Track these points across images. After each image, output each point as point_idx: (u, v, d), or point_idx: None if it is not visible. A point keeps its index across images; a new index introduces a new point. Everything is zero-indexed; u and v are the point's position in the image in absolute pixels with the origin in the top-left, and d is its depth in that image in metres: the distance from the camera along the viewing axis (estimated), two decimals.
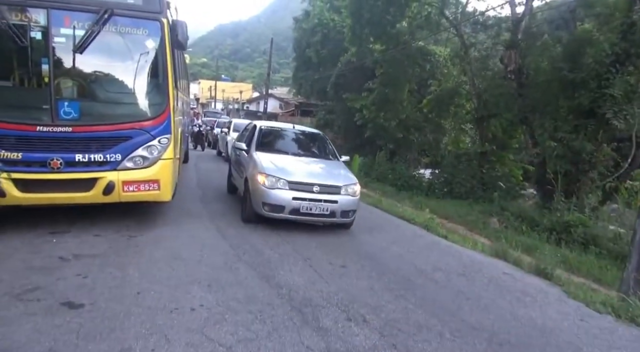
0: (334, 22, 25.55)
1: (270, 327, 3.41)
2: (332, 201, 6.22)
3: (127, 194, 5.29)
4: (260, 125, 8.10)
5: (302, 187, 6.15)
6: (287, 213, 6.12)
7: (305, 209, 6.10)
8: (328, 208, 6.21)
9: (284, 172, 6.30)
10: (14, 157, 4.75)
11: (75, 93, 5.23)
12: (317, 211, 6.16)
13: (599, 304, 4.73)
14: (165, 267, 4.42)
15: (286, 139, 8.03)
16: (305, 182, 6.22)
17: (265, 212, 6.17)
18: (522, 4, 13.64)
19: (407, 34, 17.59)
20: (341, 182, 6.49)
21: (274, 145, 7.61)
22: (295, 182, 6.17)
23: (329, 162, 7.44)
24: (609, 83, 10.52)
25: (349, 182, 6.59)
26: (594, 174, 11.66)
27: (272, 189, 6.10)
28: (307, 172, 6.61)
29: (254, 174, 6.41)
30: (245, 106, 56.24)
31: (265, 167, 6.35)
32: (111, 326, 3.16)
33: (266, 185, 6.13)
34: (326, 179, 6.46)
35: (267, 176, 6.18)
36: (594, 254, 8.60)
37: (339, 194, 6.33)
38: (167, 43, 5.43)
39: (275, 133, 8.11)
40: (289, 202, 6.08)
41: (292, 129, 8.29)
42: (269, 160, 6.60)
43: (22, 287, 3.65)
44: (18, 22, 4.81)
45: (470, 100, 16.55)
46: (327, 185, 6.32)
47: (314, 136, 8.44)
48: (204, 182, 10.28)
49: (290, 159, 7.01)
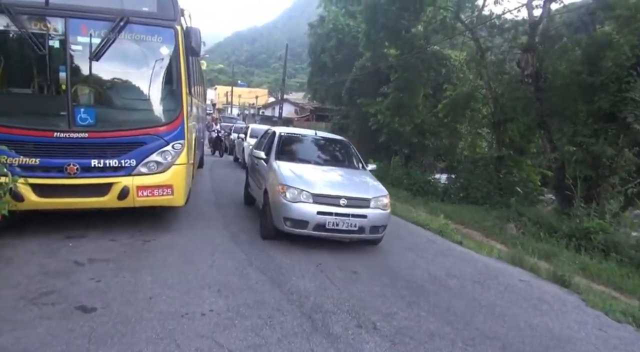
0: (349, 27, 25.56)
1: (280, 334, 3.39)
2: (361, 215, 5.68)
3: (141, 199, 5.36)
4: (279, 131, 7.53)
5: (327, 200, 5.62)
6: (310, 229, 5.59)
7: (331, 224, 5.55)
8: (356, 223, 5.64)
9: (307, 183, 5.78)
10: (32, 162, 4.86)
11: (92, 100, 5.33)
12: (344, 226, 5.60)
13: (619, 313, 4.61)
14: (178, 272, 4.46)
15: (308, 147, 7.46)
16: (330, 195, 5.68)
17: (286, 228, 5.65)
18: (539, 6, 13.47)
19: (422, 39, 17.48)
20: (370, 194, 5.96)
21: (295, 153, 7.08)
22: (320, 195, 5.64)
23: (355, 171, 6.94)
24: (630, 86, 10.25)
25: (379, 194, 6.05)
26: (615, 179, 11.35)
27: (294, 202, 5.58)
28: (332, 183, 6.11)
29: (273, 186, 5.92)
30: (260, 111, 56.60)
31: (286, 178, 5.85)
32: (123, 331, 3.19)
33: (287, 198, 5.61)
34: (354, 191, 5.94)
35: (289, 187, 5.68)
36: (615, 261, 8.36)
37: (368, 207, 5.80)
38: (181, 50, 5.50)
39: (296, 140, 7.57)
40: (312, 217, 5.55)
41: (313, 136, 7.69)
42: (290, 170, 6.11)
43: (38, 291, 3.71)
44: (37, 31, 4.93)
45: (486, 105, 16.34)
46: (355, 197, 5.78)
47: (337, 143, 7.90)
48: (218, 187, 10.35)
49: (313, 168, 6.49)
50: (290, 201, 5.60)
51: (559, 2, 13.82)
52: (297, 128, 10.13)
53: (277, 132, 7.47)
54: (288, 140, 7.38)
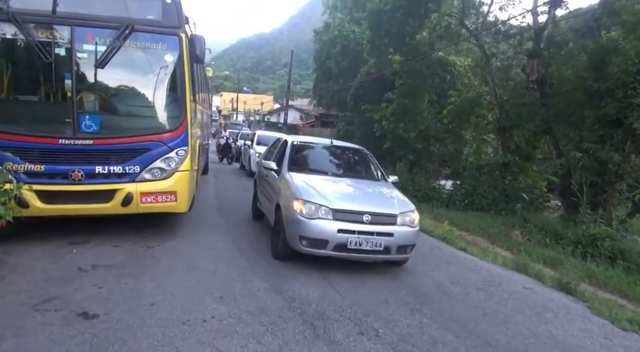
0: (354, 33, 25.68)
1: (281, 341, 3.38)
2: (387, 233, 5.07)
3: (145, 205, 5.38)
4: (292, 140, 6.90)
5: (349, 216, 5.02)
6: (330, 249, 4.97)
7: (353, 244, 4.92)
8: (382, 243, 5.02)
9: (326, 197, 5.19)
10: (37, 169, 4.90)
11: (97, 107, 5.38)
12: (368, 246, 4.96)
13: (625, 322, 4.55)
14: (180, 278, 4.47)
15: (323, 157, 6.90)
16: (353, 210, 5.08)
17: (302, 248, 5.06)
18: (544, 12, 13.46)
19: (427, 45, 17.51)
20: (397, 209, 5.36)
21: (309, 164, 6.51)
22: (341, 210, 5.04)
23: (377, 183, 6.32)
24: (636, 92, 10.19)
25: (406, 209, 5.44)
26: (622, 185, 11.26)
27: (312, 219, 4.99)
28: (353, 196, 5.57)
29: (288, 200, 5.33)
30: (266, 118, 56.85)
31: (302, 192, 5.28)
32: (124, 337, 3.20)
33: (304, 214, 5.03)
34: (378, 206, 5.36)
35: (305, 202, 5.10)
36: (622, 268, 8.27)
37: (395, 224, 5.19)
38: (186, 57, 5.54)
39: (310, 149, 6.98)
40: (333, 235, 4.94)
41: (329, 144, 7.08)
42: (305, 183, 5.53)
43: (40, 297, 3.73)
44: (43, 39, 4.99)
45: (491, 111, 16.30)
46: (380, 213, 5.17)
47: (355, 152, 7.29)
48: (222, 194, 10.38)
49: (330, 180, 5.93)
50: (307, 217, 5.01)
51: (564, 8, 13.83)
52: (308, 136, 9.07)
53: (289, 140, 6.90)
54: (301, 149, 6.83)
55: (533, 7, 13.65)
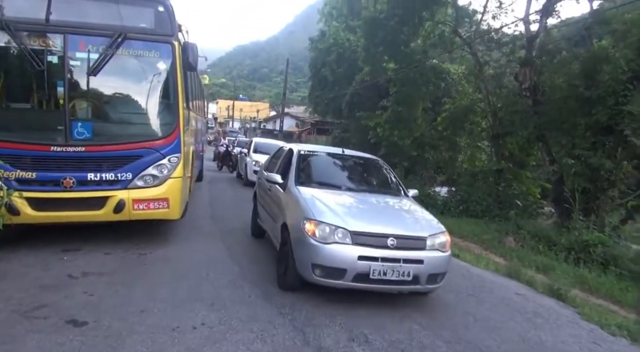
0: (349, 41, 25.86)
1: (271, 347, 3.39)
2: (416, 260, 4.32)
3: (137, 212, 5.38)
4: (298, 149, 6.09)
5: (371, 240, 4.29)
6: (349, 280, 4.23)
7: (377, 273, 4.17)
8: (410, 271, 4.26)
9: (343, 217, 4.47)
10: (28, 176, 4.90)
11: (89, 114, 5.40)
12: (394, 275, 4.22)
13: (614, 327, 4.58)
14: (171, 285, 4.46)
15: (335, 168, 6.16)
16: (375, 233, 4.35)
17: (315, 278, 4.31)
18: (536, 21, 13.64)
19: (421, 53, 17.66)
20: (425, 231, 4.62)
21: (320, 176, 5.71)
22: (361, 233, 4.31)
23: (397, 199, 5.57)
24: (627, 100, 10.32)
25: (436, 231, 4.70)
26: (614, 192, 11.35)
27: (327, 243, 4.25)
28: (374, 216, 4.86)
29: (297, 221, 4.58)
30: (262, 125, 56.96)
31: (314, 210, 4.53)
32: (113, 344, 3.19)
33: (317, 237, 4.29)
34: (404, 227, 4.65)
35: (319, 223, 4.35)
36: (615, 275, 8.32)
37: (424, 249, 4.45)
38: (178, 65, 5.58)
39: (319, 160, 6.15)
40: (352, 263, 4.19)
41: (340, 154, 6.34)
42: (317, 200, 4.78)
43: (30, 305, 3.72)
44: (36, 47, 5.02)
45: (485, 118, 16.43)
46: (407, 236, 4.46)
47: (370, 163, 6.54)
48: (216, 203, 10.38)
49: (345, 196, 5.19)
50: (320, 241, 4.28)
51: (556, 17, 14.01)
52: (313, 144, 8.02)
53: (295, 149, 6.08)
54: (310, 159, 6.00)
55: (525, 15, 13.83)
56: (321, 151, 6.45)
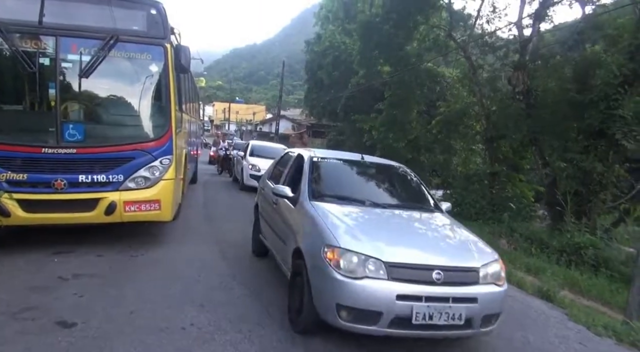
0: (345, 45, 26.02)
1: (258, 347, 3.41)
2: (469, 298, 3.38)
3: (128, 214, 5.39)
4: (309, 155, 5.05)
5: (411, 273, 3.33)
6: (385, 326, 3.25)
7: (421, 317, 3.22)
8: (462, 313, 3.30)
9: (374, 243, 3.50)
10: (19, 178, 4.90)
11: (80, 116, 5.42)
12: (442, 319, 3.25)
13: (601, 328, 4.62)
14: (162, 287, 4.48)
15: (355, 179, 5.13)
16: (416, 264, 3.41)
17: (341, 322, 3.32)
18: (529, 26, 13.76)
19: (415, 56, 17.77)
20: (477, 260, 3.63)
21: (338, 189, 4.69)
22: (399, 264, 3.35)
23: (430, 214, 4.58)
24: (618, 104, 10.42)
25: (489, 258, 3.71)
26: (606, 195, 11.45)
27: (356, 278, 3.27)
28: (411, 240, 3.91)
29: (315, 247, 3.59)
30: (258, 127, 56.99)
31: (337, 234, 3.54)
32: (101, 345, 3.20)
33: (343, 270, 3.31)
34: (450, 255, 3.71)
35: (344, 251, 3.37)
36: (606, 276, 8.39)
37: (477, 283, 3.48)
38: (170, 67, 5.61)
39: (336, 169, 5.13)
40: (390, 304, 3.23)
41: (360, 161, 5.28)
42: (339, 220, 3.84)
43: (19, 306, 3.72)
44: (28, 49, 5.03)
45: (479, 121, 16.53)
46: (455, 267, 3.51)
47: (395, 172, 5.48)
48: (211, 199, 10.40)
49: (371, 214, 4.25)
50: (347, 275, 3.29)
51: (549, 21, 14.14)
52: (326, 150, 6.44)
53: (305, 156, 5.08)
54: (324, 169, 4.94)
55: (518, 20, 13.95)
56: (336, 158, 5.39)
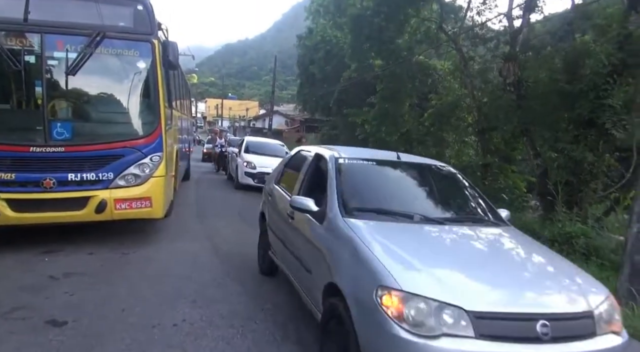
0: (336, 38, 25.91)
1: (251, 342, 3.42)
2: None
3: (119, 212, 5.37)
4: (332, 155, 3.89)
5: (506, 327, 2.30)
6: None
7: None
8: None
9: (447, 280, 2.50)
10: (7, 177, 4.87)
11: (68, 114, 5.40)
12: None
13: None
14: (154, 284, 4.47)
15: (395, 186, 3.99)
16: (515, 313, 2.35)
17: None
18: (520, 17, 13.77)
19: (406, 49, 17.74)
20: (589, 301, 2.55)
21: (376, 200, 3.61)
22: (490, 315, 2.30)
23: (500, 232, 3.45)
24: (607, 93, 10.48)
25: (600, 296, 2.65)
26: (597, 184, 11.53)
27: (428, 337, 2.22)
28: (493, 274, 2.74)
29: (363, 286, 2.52)
30: (251, 123, 56.81)
31: (395, 272, 2.45)
32: (92, 343, 3.20)
33: (410, 323, 2.26)
34: (552, 295, 2.63)
35: (409, 297, 2.32)
36: (596, 265, 8.46)
37: (595, 334, 2.45)
38: (158, 63, 5.57)
39: (370, 173, 3.95)
40: None
41: (395, 161, 4.13)
42: (392, 248, 2.74)
43: (9, 306, 3.71)
44: (13, 47, 4.98)
45: (471, 113, 16.57)
46: (565, 315, 2.45)
47: (440, 174, 4.40)
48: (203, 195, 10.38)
49: (428, 235, 3.19)
50: (415, 331, 2.23)
51: (539, 12, 14.15)
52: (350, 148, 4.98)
53: (327, 156, 3.94)
54: (355, 173, 3.82)
55: (508, 11, 13.95)
56: (366, 158, 4.10)
